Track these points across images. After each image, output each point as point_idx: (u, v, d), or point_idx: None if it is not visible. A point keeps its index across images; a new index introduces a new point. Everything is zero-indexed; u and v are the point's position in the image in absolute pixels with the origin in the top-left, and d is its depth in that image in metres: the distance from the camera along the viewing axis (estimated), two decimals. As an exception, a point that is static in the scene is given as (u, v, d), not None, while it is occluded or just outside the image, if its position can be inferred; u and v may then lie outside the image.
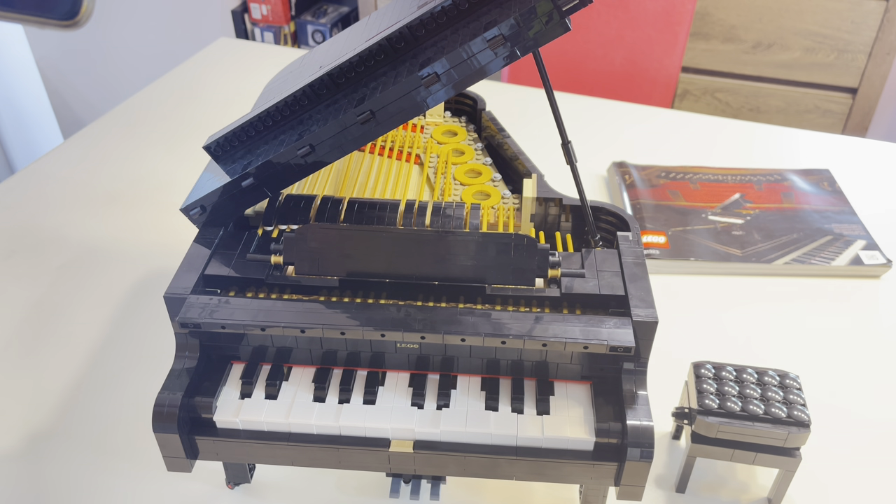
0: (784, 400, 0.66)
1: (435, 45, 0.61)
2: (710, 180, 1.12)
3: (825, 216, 1.05)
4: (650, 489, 0.72)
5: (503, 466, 0.60)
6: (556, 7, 0.56)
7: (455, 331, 0.58)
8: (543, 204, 0.74)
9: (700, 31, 2.10)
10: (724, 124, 1.30)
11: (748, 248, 0.99)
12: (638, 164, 1.15)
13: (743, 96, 2.19)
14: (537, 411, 0.61)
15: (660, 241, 1.00)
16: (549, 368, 0.63)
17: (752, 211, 1.05)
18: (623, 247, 0.67)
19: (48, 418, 0.78)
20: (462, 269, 0.61)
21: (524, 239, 0.61)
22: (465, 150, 0.84)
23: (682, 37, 1.63)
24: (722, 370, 0.69)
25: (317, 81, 0.65)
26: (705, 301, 0.94)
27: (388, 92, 0.60)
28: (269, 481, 0.72)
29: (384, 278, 0.62)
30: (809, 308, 0.93)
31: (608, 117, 1.31)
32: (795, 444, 0.65)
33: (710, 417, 0.65)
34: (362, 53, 0.63)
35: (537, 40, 0.58)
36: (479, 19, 0.60)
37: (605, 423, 0.60)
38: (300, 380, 0.63)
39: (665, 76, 1.68)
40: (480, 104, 0.91)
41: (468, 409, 0.61)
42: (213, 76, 1.45)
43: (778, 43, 2.08)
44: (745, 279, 0.97)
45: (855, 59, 2.05)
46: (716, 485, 0.72)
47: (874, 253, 0.98)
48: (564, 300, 0.62)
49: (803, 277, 0.98)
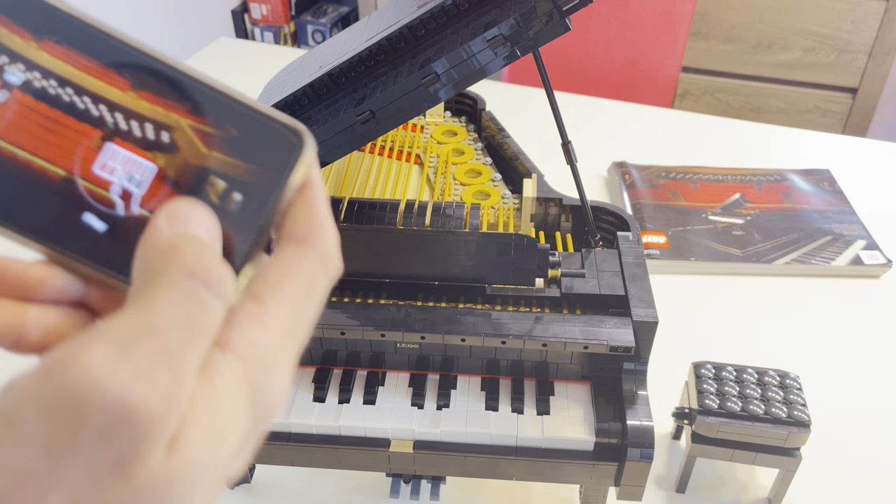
0: (784, 400, 0.66)
1: (435, 45, 0.61)
2: (710, 180, 1.11)
3: (825, 216, 1.05)
4: (650, 489, 0.72)
5: (503, 466, 0.60)
6: (556, 7, 0.56)
7: (455, 331, 0.58)
8: (543, 204, 0.74)
9: (700, 31, 2.10)
10: (724, 124, 1.30)
11: (748, 248, 0.99)
12: (638, 164, 1.15)
13: (743, 96, 2.19)
14: (537, 411, 0.61)
15: (660, 241, 1.00)
16: (549, 368, 0.63)
17: (753, 211, 1.05)
18: (623, 247, 0.66)
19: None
20: (462, 268, 0.61)
21: (524, 239, 0.61)
22: (465, 150, 0.84)
23: (682, 37, 1.62)
24: (722, 370, 0.69)
25: (317, 81, 0.65)
26: (705, 301, 0.94)
27: (388, 92, 0.60)
28: (268, 481, 0.72)
29: (384, 278, 0.62)
30: (809, 308, 0.93)
31: (608, 117, 1.31)
32: (795, 445, 0.65)
33: (711, 417, 0.65)
34: (362, 53, 0.63)
35: (537, 40, 0.58)
36: (479, 19, 0.59)
37: (606, 424, 0.59)
38: (300, 380, 0.63)
39: (665, 76, 1.68)
40: (480, 104, 0.91)
41: (468, 410, 0.61)
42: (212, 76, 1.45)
43: (778, 43, 2.08)
44: (746, 279, 0.97)
45: (855, 59, 2.05)
46: (716, 485, 0.72)
47: (874, 253, 0.98)
48: (564, 300, 0.62)
49: (803, 277, 0.98)
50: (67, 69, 0.28)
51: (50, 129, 0.28)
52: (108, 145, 0.28)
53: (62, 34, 0.28)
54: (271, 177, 0.27)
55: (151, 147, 0.28)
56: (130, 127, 0.28)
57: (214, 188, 0.27)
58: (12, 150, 0.27)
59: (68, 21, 0.28)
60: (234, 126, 0.28)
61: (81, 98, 0.28)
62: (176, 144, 0.28)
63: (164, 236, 0.24)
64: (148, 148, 0.28)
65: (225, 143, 0.28)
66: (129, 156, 0.28)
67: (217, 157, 0.28)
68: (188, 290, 0.23)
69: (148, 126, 0.28)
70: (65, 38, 0.28)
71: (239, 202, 0.27)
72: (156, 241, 0.24)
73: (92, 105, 0.28)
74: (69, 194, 0.27)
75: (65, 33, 0.28)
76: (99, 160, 0.28)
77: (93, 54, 0.28)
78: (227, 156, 0.28)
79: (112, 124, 0.28)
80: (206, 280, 0.23)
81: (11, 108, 0.27)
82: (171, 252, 0.24)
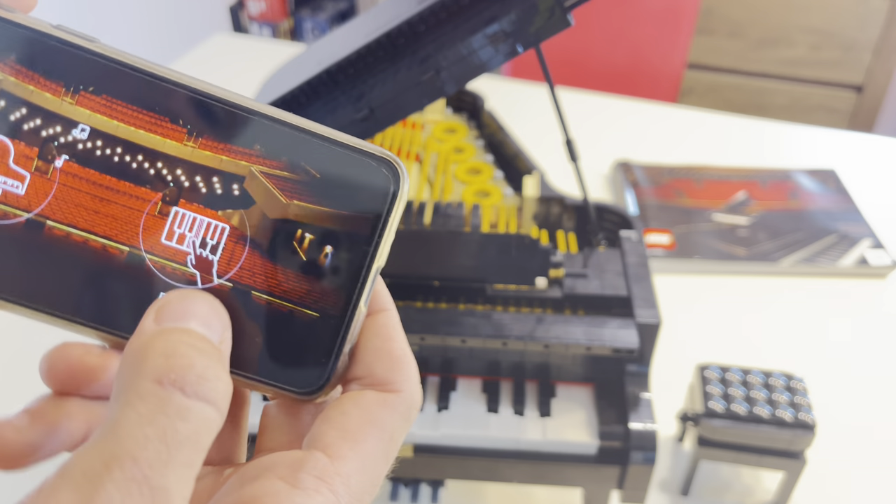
0: (790, 402, 0.65)
1: (435, 41, 0.60)
2: (715, 178, 1.10)
3: (831, 216, 1.04)
4: (654, 492, 0.71)
5: (504, 470, 0.59)
6: (558, 2, 0.55)
7: (455, 332, 0.57)
8: (545, 203, 0.72)
9: (705, 28, 2.09)
10: (729, 121, 1.29)
11: (753, 247, 0.98)
12: (642, 163, 1.13)
13: (748, 93, 2.18)
14: (539, 414, 0.60)
15: (664, 240, 0.99)
16: (550, 370, 0.62)
17: (758, 210, 1.04)
18: (626, 247, 0.65)
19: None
20: (462, 269, 0.60)
21: (526, 239, 0.60)
22: (466, 148, 0.83)
23: (686, 33, 1.61)
24: (727, 372, 0.68)
25: (315, 78, 0.64)
26: (710, 302, 0.93)
27: (387, 89, 0.59)
28: (266, 483, 0.71)
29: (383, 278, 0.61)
30: (815, 308, 0.92)
31: (611, 114, 1.30)
32: (800, 447, 0.64)
33: (716, 420, 0.64)
34: (361, 50, 0.62)
35: (539, 36, 0.57)
36: (480, 14, 0.58)
37: (608, 427, 0.59)
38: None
39: (669, 73, 1.66)
40: (481, 101, 0.90)
41: (468, 412, 0.60)
42: (209, 72, 1.44)
43: (783, 40, 2.06)
44: (751, 279, 0.96)
45: (861, 56, 2.03)
46: (720, 488, 0.71)
47: (880, 253, 0.97)
48: (567, 301, 0.61)
49: (809, 277, 0.96)
50: (112, 125, 0.23)
51: (104, 198, 0.23)
52: (174, 210, 0.24)
53: (99, 82, 0.23)
54: (366, 221, 0.24)
55: (222, 204, 0.24)
56: (195, 184, 0.24)
57: (301, 243, 0.24)
58: (65, 229, 0.23)
59: (103, 65, 0.23)
60: (314, 166, 0.24)
61: (135, 157, 0.24)
62: (250, 197, 0.24)
63: (141, 339, 0.21)
64: (219, 206, 0.24)
65: (306, 188, 0.24)
66: (198, 218, 0.24)
67: (299, 206, 0.24)
68: (159, 401, 0.19)
69: (215, 180, 0.24)
70: (103, 87, 0.23)
71: (331, 256, 0.24)
72: (129, 348, 0.21)
73: (148, 164, 0.24)
74: (137, 273, 0.24)
75: (102, 81, 0.23)
76: (166, 229, 0.24)
77: (138, 102, 0.23)
78: (311, 203, 0.24)
79: (174, 183, 0.24)
80: (182, 383, 0.19)
81: (55, 179, 0.23)
82: (140, 357, 0.20)
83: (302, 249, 0.24)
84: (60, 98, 0.23)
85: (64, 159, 0.23)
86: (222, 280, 0.24)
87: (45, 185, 0.23)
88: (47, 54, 0.23)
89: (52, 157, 0.23)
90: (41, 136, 0.23)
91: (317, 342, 0.24)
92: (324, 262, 0.24)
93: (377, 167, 0.24)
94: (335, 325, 0.24)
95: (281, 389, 0.24)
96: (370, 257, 0.24)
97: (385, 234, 0.24)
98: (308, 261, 0.24)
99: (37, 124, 0.23)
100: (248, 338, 0.24)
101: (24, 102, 0.23)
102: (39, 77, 0.23)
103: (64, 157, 0.23)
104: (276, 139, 0.24)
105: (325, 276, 0.24)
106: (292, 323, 0.24)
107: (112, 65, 0.23)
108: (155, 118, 0.24)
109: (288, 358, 0.24)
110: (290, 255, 0.24)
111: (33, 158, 0.23)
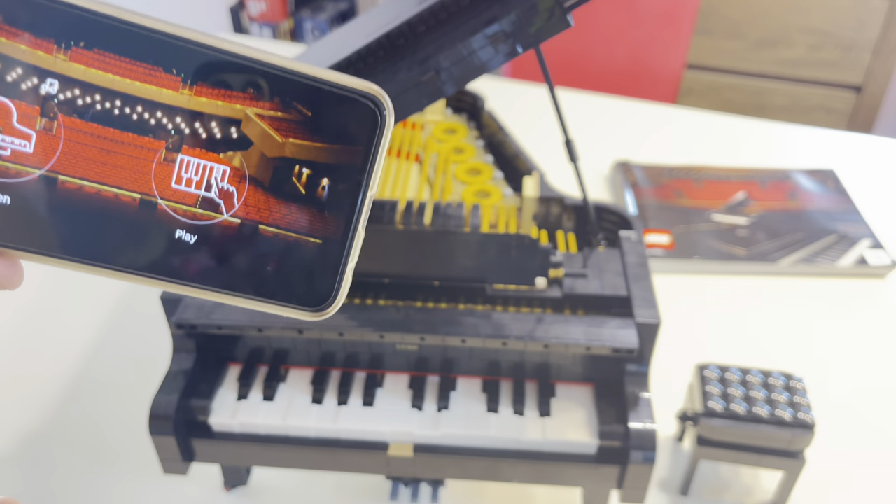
0: (789, 402, 0.65)
1: (435, 42, 0.60)
2: (714, 179, 1.10)
3: (830, 216, 1.04)
4: (653, 492, 0.71)
5: (504, 469, 0.59)
6: (558, 3, 0.55)
7: (455, 332, 0.58)
8: (545, 203, 0.73)
9: (704, 28, 2.09)
10: (728, 121, 1.29)
11: (753, 247, 0.98)
12: (641, 163, 1.13)
13: (747, 94, 2.18)
14: (539, 413, 0.60)
15: (664, 240, 0.99)
16: (550, 370, 0.62)
17: (757, 211, 1.04)
18: (626, 247, 0.66)
19: (44, 421, 0.77)
20: (462, 269, 0.60)
21: (526, 239, 0.60)
22: (466, 149, 0.83)
23: (685, 34, 1.61)
24: (726, 371, 0.68)
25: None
26: (709, 302, 0.93)
27: (387, 89, 0.59)
28: (266, 484, 0.72)
29: (383, 278, 0.61)
30: (814, 308, 0.92)
31: (611, 114, 1.30)
32: (799, 447, 0.64)
33: (715, 420, 0.64)
34: (361, 50, 0.62)
35: (539, 36, 0.57)
36: (480, 15, 0.59)
37: (608, 426, 0.59)
38: (298, 381, 0.62)
39: (669, 73, 1.67)
40: (481, 101, 0.90)
41: (468, 412, 0.60)
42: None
43: (782, 40, 2.06)
44: (750, 279, 0.96)
45: (860, 57, 2.03)
46: (719, 488, 0.71)
47: (879, 253, 0.97)
48: (566, 301, 0.61)
49: (808, 277, 0.97)
50: (108, 78, 0.24)
51: (110, 150, 0.24)
52: (179, 157, 0.25)
53: (89, 37, 0.24)
54: (358, 152, 0.25)
55: (222, 147, 0.25)
56: (195, 130, 0.25)
57: (300, 178, 0.25)
58: (77, 182, 0.24)
59: (92, 20, 0.24)
60: (305, 104, 0.25)
61: (134, 109, 0.24)
62: (248, 138, 0.25)
63: None
64: (220, 149, 0.25)
65: (300, 126, 0.25)
66: (201, 163, 0.25)
67: (295, 144, 0.25)
68: None
69: (213, 125, 0.25)
70: (94, 42, 0.24)
71: (329, 187, 0.25)
72: None
73: (148, 114, 0.24)
74: (150, 217, 0.25)
75: (92, 35, 0.24)
76: (174, 174, 0.25)
77: (131, 54, 0.24)
78: (305, 139, 0.25)
79: (175, 131, 0.25)
80: None
81: (61, 136, 0.24)
82: None
83: (301, 184, 0.25)
84: (54, 55, 0.24)
85: (66, 116, 0.24)
86: (230, 216, 0.25)
87: (51, 142, 0.24)
88: (34, 12, 0.23)
89: (54, 115, 0.24)
90: (40, 95, 0.24)
91: (323, 265, 0.26)
92: (322, 194, 0.26)
93: (363, 101, 0.25)
94: (338, 249, 0.26)
95: (296, 309, 0.27)
96: (364, 185, 0.26)
97: (376, 163, 0.26)
98: (308, 193, 0.25)
99: (34, 83, 0.24)
100: (261, 267, 0.26)
101: (18, 63, 0.23)
102: (29, 35, 0.23)
103: (66, 113, 0.24)
104: (268, 81, 0.25)
105: (325, 206, 0.26)
106: (299, 250, 0.26)
107: (100, 19, 0.24)
108: (149, 69, 0.24)
109: (299, 281, 0.26)
110: (291, 189, 0.25)
111: (36, 117, 0.24)
